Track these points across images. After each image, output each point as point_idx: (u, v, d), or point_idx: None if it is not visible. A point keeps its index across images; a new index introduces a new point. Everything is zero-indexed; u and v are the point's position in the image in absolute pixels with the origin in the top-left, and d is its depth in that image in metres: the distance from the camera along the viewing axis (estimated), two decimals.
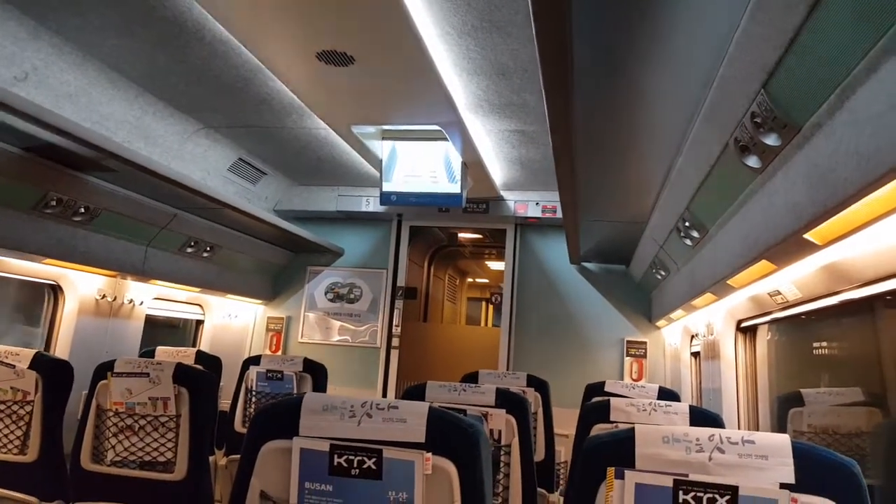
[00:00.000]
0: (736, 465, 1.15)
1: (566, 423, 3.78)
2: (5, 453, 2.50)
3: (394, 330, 5.69)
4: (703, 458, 1.17)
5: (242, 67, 3.02)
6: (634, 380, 5.14)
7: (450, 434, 1.31)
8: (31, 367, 2.53)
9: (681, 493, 1.13)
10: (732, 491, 1.10)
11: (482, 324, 10.92)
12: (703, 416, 2.18)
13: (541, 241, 5.60)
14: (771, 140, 1.58)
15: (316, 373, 3.72)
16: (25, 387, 2.53)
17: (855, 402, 2.32)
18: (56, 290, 3.74)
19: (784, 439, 1.16)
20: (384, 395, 5.55)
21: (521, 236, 5.64)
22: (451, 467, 1.28)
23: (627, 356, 5.23)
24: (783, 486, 1.12)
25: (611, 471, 1.18)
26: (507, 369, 5.32)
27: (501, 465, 2.26)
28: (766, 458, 1.15)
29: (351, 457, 1.28)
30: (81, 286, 3.77)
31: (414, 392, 2.41)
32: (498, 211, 5.23)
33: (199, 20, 2.59)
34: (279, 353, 5.77)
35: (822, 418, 2.45)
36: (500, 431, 2.27)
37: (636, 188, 3.16)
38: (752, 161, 1.74)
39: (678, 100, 2.06)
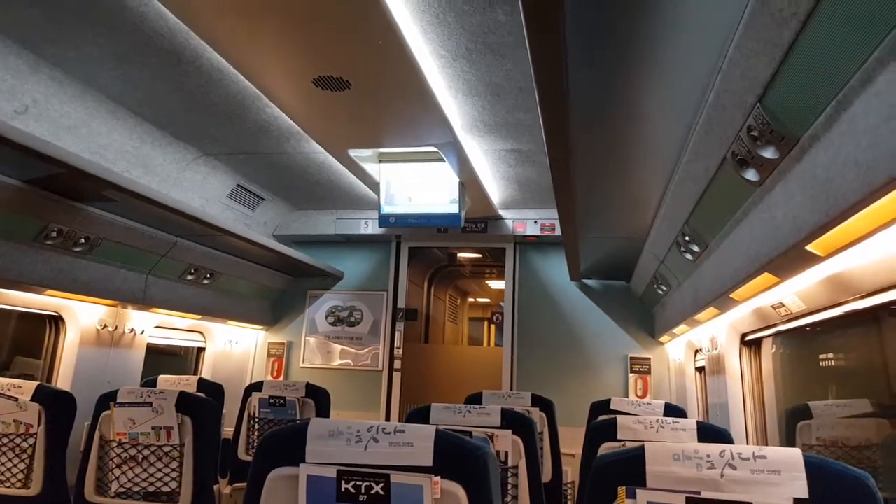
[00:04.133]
0: (749, 481, 1.14)
1: (571, 442, 3.74)
2: (8, 487, 2.48)
3: (395, 352, 5.66)
4: (714, 475, 1.15)
5: (240, 95, 3.04)
6: (639, 396, 5.11)
7: (458, 457, 1.30)
8: (33, 399, 2.52)
9: None
10: None
11: (485, 343, 10.87)
12: (711, 432, 2.16)
13: (540, 259, 5.59)
14: (769, 153, 1.58)
15: (318, 398, 3.70)
16: (28, 419, 2.51)
17: (864, 413, 2.30)
18: (57, 320, 3.72)
19: (796, 454, 1.15)
20: (387, 418, 5.50)
21: (521, 255, 5.63)
22: (459, 491, 1.27)
23: (631, 373, 5.20)
24: (797, 500, 1.11)
25: (622, 490, 1.17)
26: (511, 389, 5.28)
27: (509, 486, 2.24)
28: (778, 473, 1.14)
29: (358, 482, 1.27)
30: (82, 316, 3.75)
31: (418, 415, 2.39)
32: (496, 230, 5.23)
33: (196, 49, 2.62)
34: (281, 378, 5.73)
35: (831, 431, 2.43)
36: (506, 453, 2.24)
37: (635, 203, 3.16)
38: (751, 174, 1.74)
39: (675, 114, 2.07)
